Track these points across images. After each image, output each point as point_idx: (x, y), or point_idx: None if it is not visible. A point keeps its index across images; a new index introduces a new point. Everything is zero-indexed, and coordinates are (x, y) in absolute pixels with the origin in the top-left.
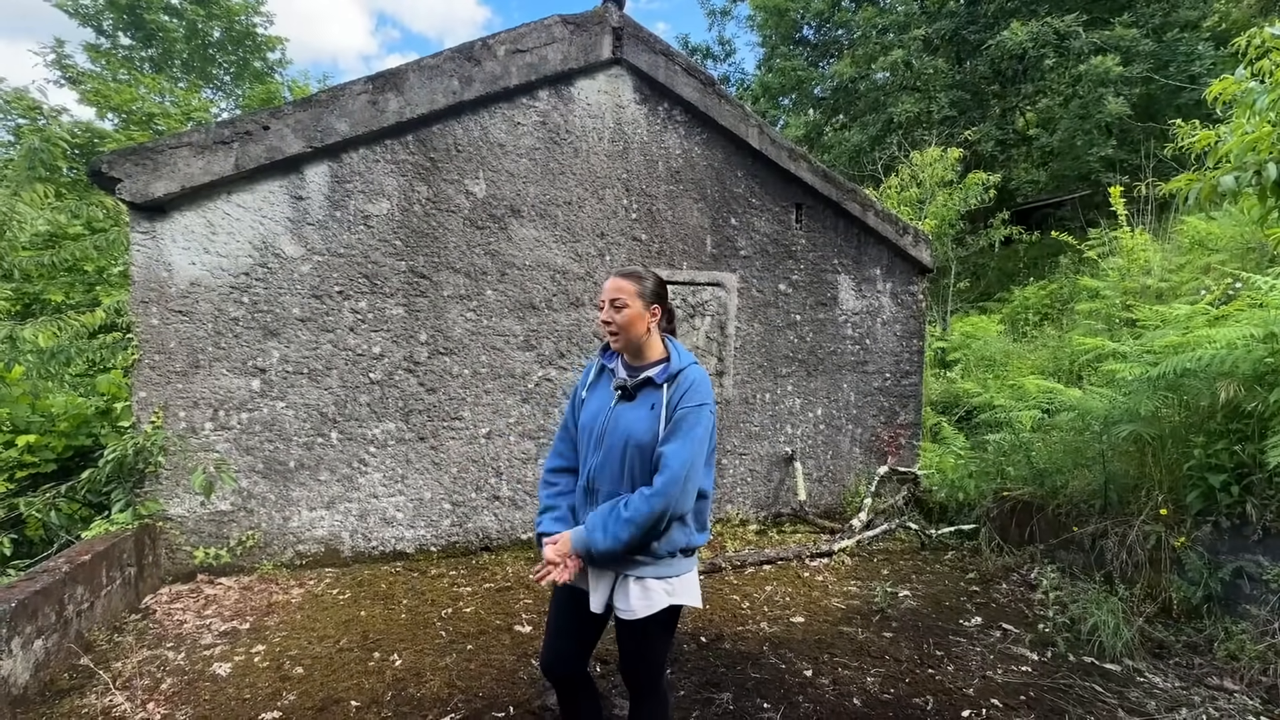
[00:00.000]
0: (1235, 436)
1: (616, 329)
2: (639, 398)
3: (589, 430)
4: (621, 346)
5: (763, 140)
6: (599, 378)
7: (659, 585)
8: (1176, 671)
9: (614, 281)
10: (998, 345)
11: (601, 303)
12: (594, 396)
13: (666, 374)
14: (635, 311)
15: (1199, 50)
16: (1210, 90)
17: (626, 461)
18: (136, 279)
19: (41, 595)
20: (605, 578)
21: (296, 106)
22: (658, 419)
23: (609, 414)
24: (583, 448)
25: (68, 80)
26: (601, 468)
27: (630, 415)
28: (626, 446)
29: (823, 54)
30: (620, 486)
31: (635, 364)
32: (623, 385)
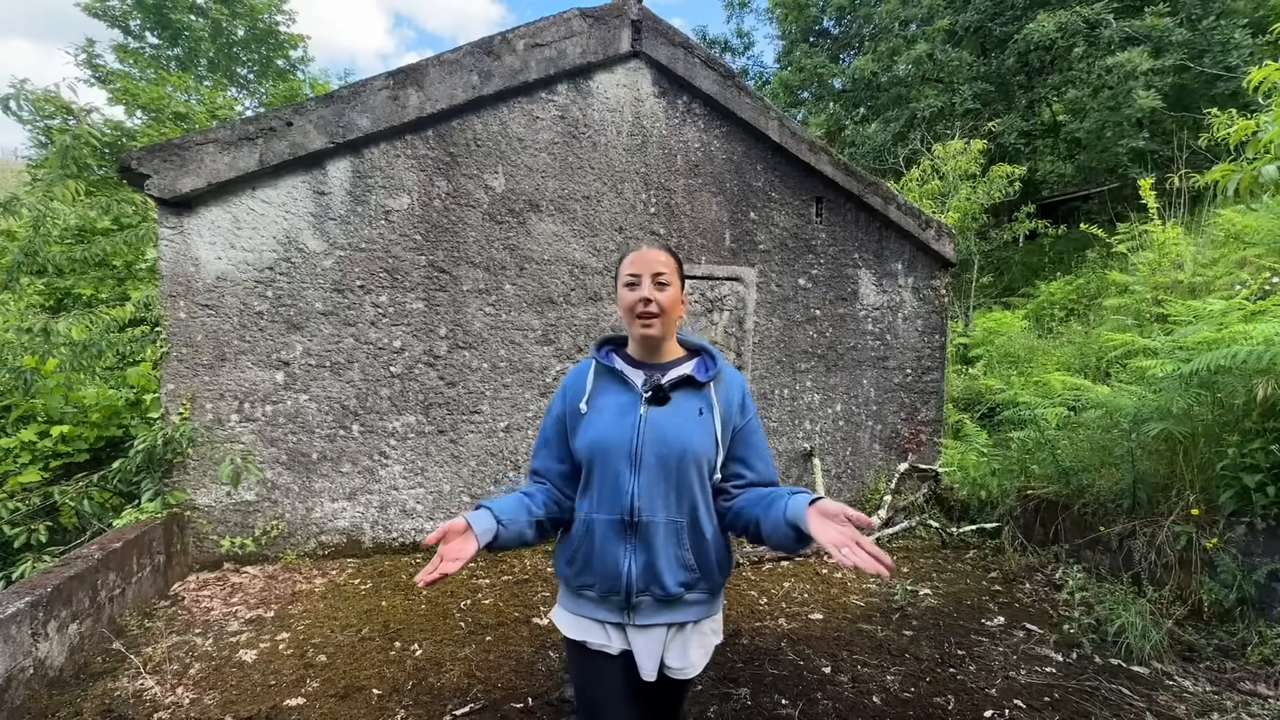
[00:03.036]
0: (1272, 435)
1: (658, 312)
2: (676, 401)
3: (614, 448)
4: (657, 335)
5: (783, 133)
6: (600, 383)
7: (710, 626)
8: (1207, 675)
9: (652, 253)
10: (1022, 341)
11: (633, 279)
12: (603, 407)
13: (711, 371)
14: (677, 293)
15: (1235, 39)
16: (1251, 78)
17: (683, 479)
18: (164, 273)
19: (76, 581)
20: (655, 636)
21: (319, 102)
22: (710, 426)
23: (642, 424)
24: (600, 477)
25: (98, 80)
26: (649, 492)
27: (675, 423)
28: (681, 460)
29: (844, 46)
30: (678, 512)
31: (655, 361)
32: (659, 386)
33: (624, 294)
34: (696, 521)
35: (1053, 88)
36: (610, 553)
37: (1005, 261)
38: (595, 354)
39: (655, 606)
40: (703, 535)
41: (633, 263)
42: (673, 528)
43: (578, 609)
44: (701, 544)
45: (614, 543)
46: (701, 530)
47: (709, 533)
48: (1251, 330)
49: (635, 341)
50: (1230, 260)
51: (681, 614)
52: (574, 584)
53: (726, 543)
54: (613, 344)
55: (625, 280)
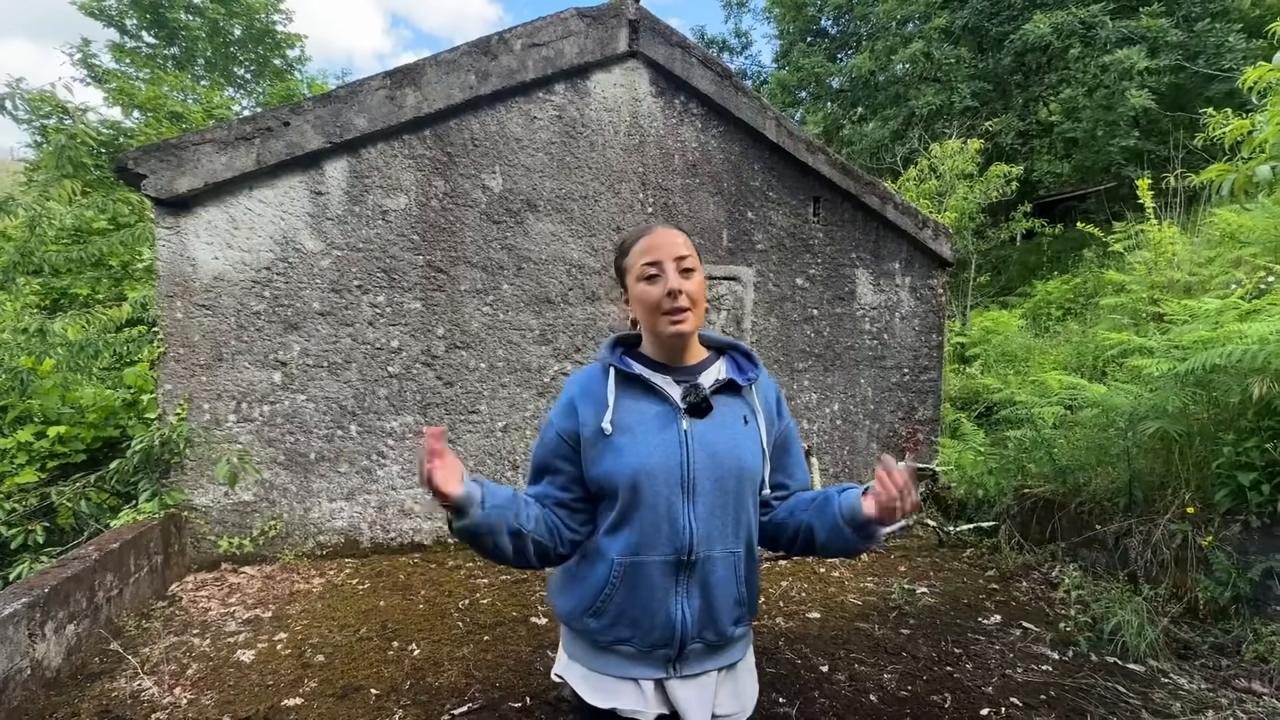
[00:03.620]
0: (1267, 434)
1: (689, 305)
2: (718, 410)
3: (659, 476)
4: (692, 331)
5: (780, 133)
6: (623, 393)
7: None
8: (1203, 673)
9: (668, 234)
10: (1019, 340)
11: (652, 269)
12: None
13: (752, 374)
14: (703, 280)
15: (1229, 42)
16: (1246, 77)
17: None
18: (161, 273)
19: (73, 582)
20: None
21: (316, 102)
22: (757, 436)
23: (689, 442)
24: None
25: (94, 79)
26: (708, 522)
27: (725, 436)
28: (740, 481)
29: (841, 46)
30: (735, 543)
31: (680, 363)
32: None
33: (642, 289)
34: (750, 548)
35: (1049, 87)
36: (658, 599)
37: (1003, 261)
38: (610, 357)
39: (707, 652)
40: (752, 562)
41: (648, 248)
42: (730, 560)
43: (602, 667)
44: (751, 572)
45: (663, 587)
46: (752, 557)
47: (755, 556)
48: (1247, 329)
49: (660, 342)
50: (1226, 259)
51: (732, 654)
52: (602, 639)
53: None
54: (623, 345)
55: (641, 272)
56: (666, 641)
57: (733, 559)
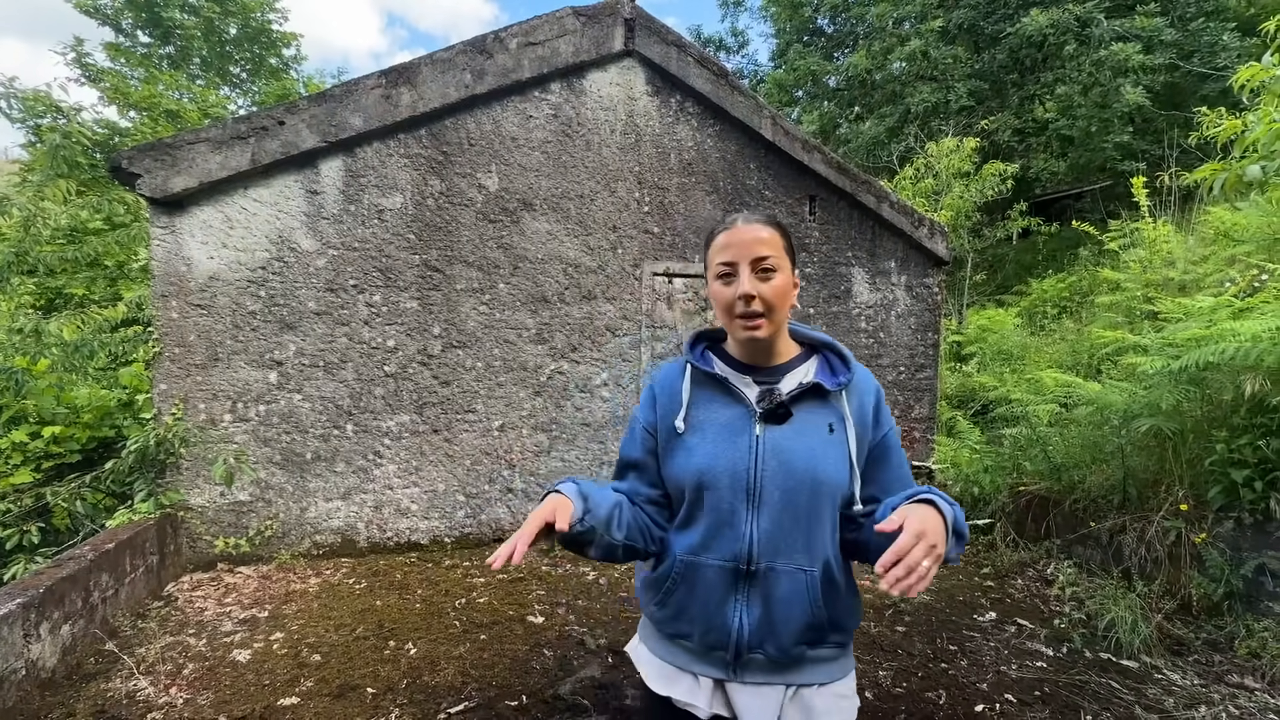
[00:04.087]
0: (1259, 431)
1: (764, 311)
2: (799, 416)
3: (724, 480)
4: (768, 337)
5: (776, 132)
6: (701, 392)
7: (845, 688)
8: (1195, 669)
9: (749, 230)
10: (1015, 339)
11: (726, 268)
12: (706, 424)
13: (844, 377)
14: (788, 279)
15: (1223, 40)
16: (1237, 77)
17: (815, 519)
18: (156, 273)
19: (68, 582)
20: (770, 698)
21: (311, 101)
22: (844, 448)
23: (760, 448)
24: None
25: (88, 78)
26: (772, 534)
27: (803, 446)
28: (815, 495)
29: (838, 45)
30: (808, 560)
31: (765, 364)
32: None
33: (716, 289)
34: (830, 569)
35: (1044, 85)
36: (715, 603)
37: (999, 259)
38: (689, 355)
39: (771, 665)
40: (836, 584)
41: (724, 246)
42: (800, 578)
43: (665, 655)
44: (833, 593)
45: (722, 592)
46: (834, 578)
47: (840, 578)
48: (1240, 327)
49: (738, 344)
50: (1220, 258)
51: (804, 675)
52: (665, 630)
53: (854, 583)
54: (708, 340)
55: (717, 271)
56: (722, 645)
57: (803, 577)
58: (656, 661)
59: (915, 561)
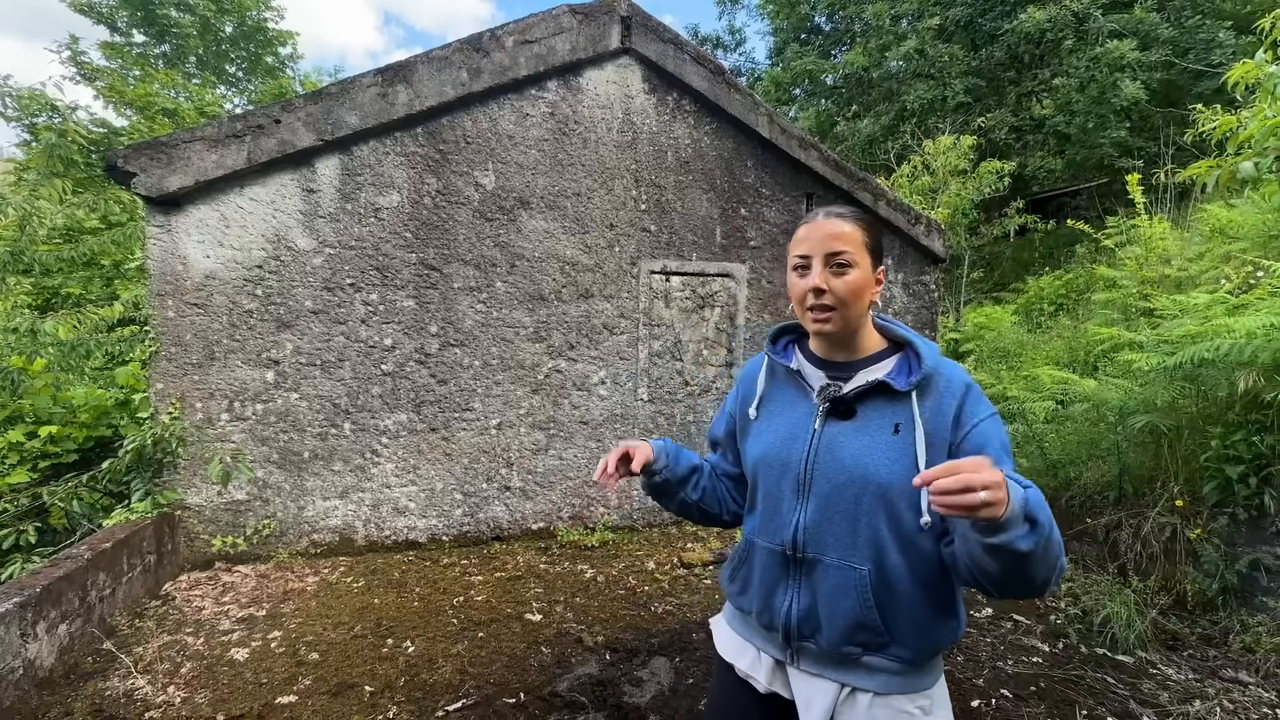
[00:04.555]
0: (1254, 427)
1: (834, 304)
2: (863, 413)
3: (779, 468)
4: (836, 331)
5: (773, 129)
6: (774, 385)
7: (913, 703)
8: (1190, 664)
9: (828, 225)
10: (1012, 336)
11: (802, 261)
12: (775, 414)
13: (915, 375)
14: (865, 275)
15: (1219, 38)
16: (1231, 74)
17: (864, 517)
18: (152, 272)
19: (65, 581)
20: (822, 690)
21: (307, 100)
22: (909, 449)
23: (815, 441)
24: (765, 498)
25: (83, 77)
26: (819, 526)
27: (858, 443)
28: (862, 493)
29: (836, 42)
30: (856, 557)
31: (841, 359)
32: (839, 396)
33: (792, 280)
34: (885, 572)
35: (1042, 82)
36: (768, 583)
37: (996, 257)
38: (769, 348)
39: (823, 658)
40: (893, 590)
41: (803, 238)
42: (849, 574)
43: (736, 625)
44: (892, 600)
45: (775, 574)
46: (893, 585)
47: (904, 588)
48: (1235, 324)
49: (813, 337)
50: (1215, 255)
51: (858, 678)
52: (735, 603)
53: (943, 604)
54: (793, 333)
55: (793, 263)
56: (775, 626)
57: (854, 574)
58: (729, 631)
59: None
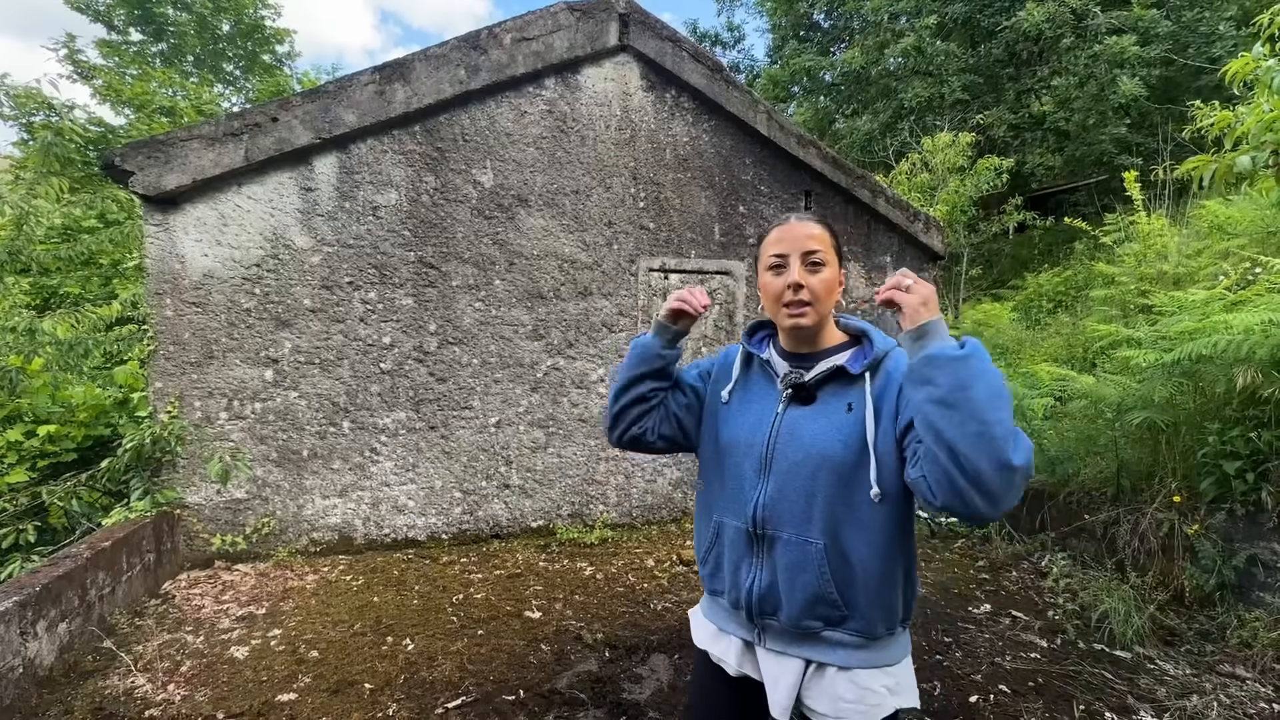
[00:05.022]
0: (1251, 423)
1: (810, 300)
2: (822, 398)
3: (745, 449)
4: (810, 325)
5: (771, 127)
6: (748, 373)
7: (877, 680)
8: (1188, 659)
9: (801, 228)
10: (1010, 333)
11: (778, 260)
12: (745, 401)
13: (867, 360)
14: (835, 274)
15: (1220, 31)
16: (1227, 69)
17: (819, 492)
18: (150, 271)
19: (64, 580)
20: (789, 667)
21: (305, 98)
22: (859, 425)
23: (777, 423)
24: (731, 478)
25: (80, 75)
26: (777, 502)
27: (813, 425)
28: (817, 470)
29: (834, 39)
30: (811, 532)
31: (805, 351)
32: (799, 382)
33: (767, 279)
34: (840, 545)
35: (1040, 79)
36: (735, 561)
37: (994, 254)
38: (745, 340)
39: (786, 635)
40: (848, 563)
41: (778, 240)
42: (805, 549)
43: (709, 612)
44: (848, 573)
45: (740, 552)
46: (848, 557)
47: (859, 560)
48: (1232, 320)
49: (784, 332)
50: (1214, 251)
51: (822, 653)
52: (708, 586)
53: (897, 575)
54: (768, 329)
55: (769, 262)
56: (741, 604)
57: (809, 548)
58: (703, 619)
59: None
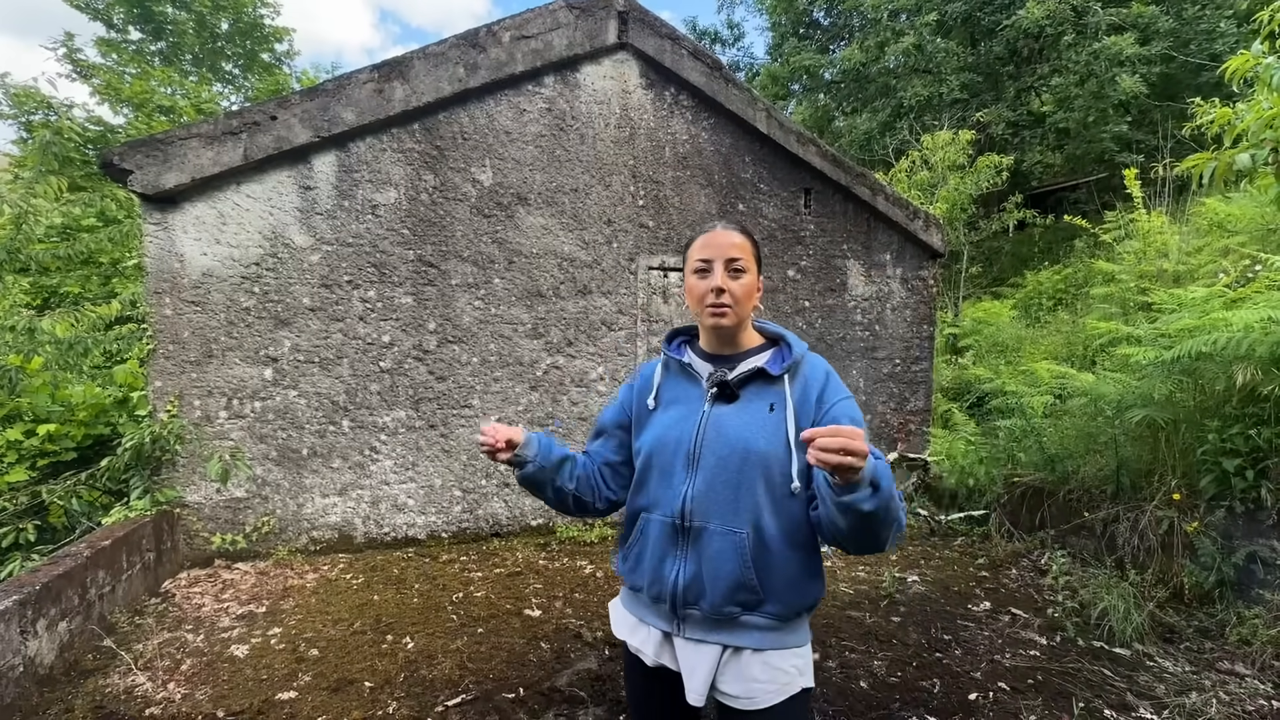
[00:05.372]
0: (1251, 421)
1: (730, 303)
2: (745, 397)
3: (673, 447)
4: (731, 326)
5: (770, 124)
6: (669, 378)
7: (787, 660)
8: (1187, 656)
9: (725, 235)
10: (1010, 331)
11: (703, 265)
12: (671, 403)
13: (786, 362)
14: (754, 280)
15: (1220, 28)
16: (1227, 66)
17: (745, 485)
18: (149, 270)
19: (64, 579)
20: (706, 653)
21: (303, 96)
22: (781, 424)
23: (704, 421)
24: (659, 475)
25: (79, 74)
26: (705, 495)
27: (739, 420)
28: (744, 463)
29: (834, 37)
30: (737, 522)
31: (726, 352)
32: (724, 381)
33: (692, 282)
34: (761, 534)
35: (1040, 77)
36: (658, 555)
37: (994, 252)
38: (665, 347)
39: (705, 623)
40: (768, 550)
41: (703, 246)
42: (731, 538)
43: (628, 605)
44: (767, 560)
45: (665, 546)
46: (768, 545)
47: (777, 548)
48: (1232, 317)
49: (706, 332)
50: (1214, 248)
51: (739, 637)
52: (628, 582)
53: (809, 564)
54: (685, 334)
55: (695, 266)
56: (663, 597)
57: (734, 538)
58: (623, 611)
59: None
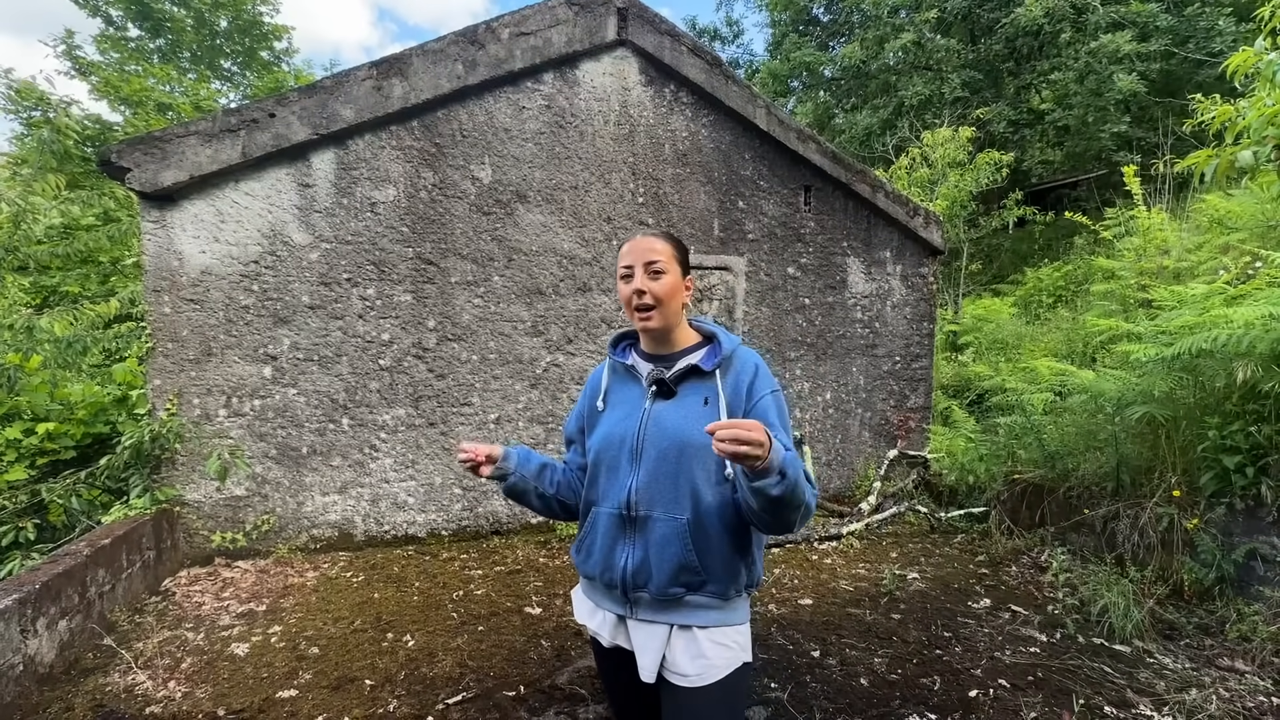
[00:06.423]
0: (1251, 417)
1: (653, 303)
2: (682, 392)
3: (618, 443)
4: (658, 326)
5: (770, 121)
6: (615, 380)
7: (730, 637)
8: (1187, 653)
9: (644, 242)
10: (1010, 328)
11: (626, 271)
12: (616, 403)
13: (717, 358)
14: (675, 280)
15: (1219, 25)
16: (1229, 63)
17: (683, 474)
18: (148, 268)
19: (64, 577)
20: (656, 633)
21: (302, 93)
22: (715, 416)
23: (645, 418)
24: (606, 471)
25: (78, 72)
26: (649, 486)
27: (677, 414)
28: (681, 454)
29: (834, 34)
30: (679, 509)
31: (664, 352)
32: (660, 379)
33: (620, 286)
34: (701, 520)
35: (1040, 74)
36: (609, 544)
37: (995, 249)
38: (610, 350)
39: (654, 605)
40: (706, 533)
41: (625, 253)
42: (673, 525)
43: (586, 591)
44: (706, 542)
45: (614, 536)
46: (707, 529)
47: (715, 531)
48: (1232, 314)
49: (641, 334)
50: (1214, 245)
51: (685, 617)
52: (582, 571)
53: (743, 545)
54: (629, 339)
55: (620, 272)
56: (615, 583)
57: (676, 524)
58: (582, 598)
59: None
